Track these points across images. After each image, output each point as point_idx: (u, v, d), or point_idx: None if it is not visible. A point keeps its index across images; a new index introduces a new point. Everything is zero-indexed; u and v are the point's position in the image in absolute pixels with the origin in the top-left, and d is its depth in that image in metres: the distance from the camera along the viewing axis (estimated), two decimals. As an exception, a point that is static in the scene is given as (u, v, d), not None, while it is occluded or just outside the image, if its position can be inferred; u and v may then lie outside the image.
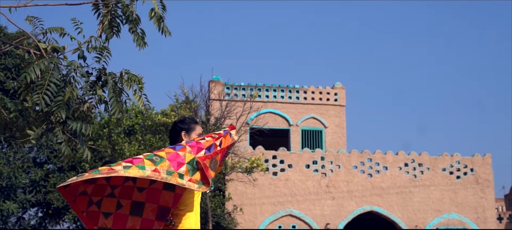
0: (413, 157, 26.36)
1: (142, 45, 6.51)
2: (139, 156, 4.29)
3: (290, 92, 29.19)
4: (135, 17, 6.44)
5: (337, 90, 29.86)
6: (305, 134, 29.02)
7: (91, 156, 6.26)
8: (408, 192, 25.80)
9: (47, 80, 5.57)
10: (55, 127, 6.00)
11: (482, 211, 26.22)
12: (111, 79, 5.99)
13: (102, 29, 6.34)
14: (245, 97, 24.64)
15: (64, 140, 5.88)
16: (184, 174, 4.29)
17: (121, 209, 4.42)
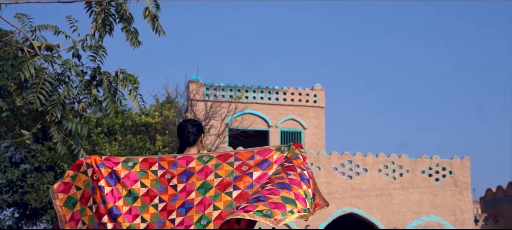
0: (392, 159, 26.48)
1: (136, 44, 6.37)
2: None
3: (270, 94, 29.16)
4: (129, 16, 6.31)
5: (317, 91, 29.91)
6: (284, 135, 29.00)
7: (68, 155, 6.11)
8: (387, 194, 25.91)
9: (41, 79, 5.41)
10: (50, 126, 5.84)
11: (460, 214, 26.45)
12: (106, 78, 5.85)
13: (96, 27, 6.19)
14: (225, 98, 24.53)
15: (59, 139, 5.73)
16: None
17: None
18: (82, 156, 5.93)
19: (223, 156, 4.11)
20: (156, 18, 6.37)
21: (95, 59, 5.85)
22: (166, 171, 4.07)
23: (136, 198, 4.01)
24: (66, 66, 5.60)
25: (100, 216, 3.99)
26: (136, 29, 6.32)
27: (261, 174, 4.02)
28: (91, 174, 4.11)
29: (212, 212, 3.86)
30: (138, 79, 6.21)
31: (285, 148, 4.17)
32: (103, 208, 3.99)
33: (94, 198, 4.05)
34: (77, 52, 5.76)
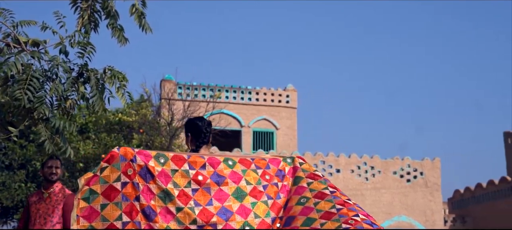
0: (365, 160, 26.69)
1: (123, 41, 6.31)
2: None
3: (242, 93, 29.14)
4: (115, 12, 6.24)
5: (289, 92, 29.98)
6: (257, 135, 29.01)
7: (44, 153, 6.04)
8: (359, 194, 26.09)
9: (29, 75, 5.32)
10: (38, 123, 5.75)
11: (431, 214, 26.76)
12: (94, 75, 5.78)
13: (82, 24, 6.12)
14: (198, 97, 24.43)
15: (47, 137, 5.63)
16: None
17: None
18: (69, 154, 5.85)
19: (244, 162, 4.14)
20: (143, 16, 6.32)
21: (83, 56, 5.78)
22: (198, 172, 3.97)
23: (171, 198, 3.86)
24: (53, 62, 5.51)
25: (132, 214, 3.82)
26: (122, 26, 6.26)
27: (282, 186, 4.14)
28: (124, 169, 3.93)
29: (253, 219, 3.89)
30: (126, 76, 6.15)
31: (290, 161, 4.31)
32: (137, 206, 3.83)
33: (126, 194, 3.87)
34: (64, 49, 5.68)
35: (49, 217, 6.26)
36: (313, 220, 3.88)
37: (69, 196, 6.24)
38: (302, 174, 4.25)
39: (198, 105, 19.06)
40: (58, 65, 5.55)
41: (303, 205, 4.01)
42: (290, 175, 4.22)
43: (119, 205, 3.87)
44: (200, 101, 21.78)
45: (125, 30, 6.15)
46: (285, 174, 4.20)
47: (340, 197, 4.12)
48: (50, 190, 6.37)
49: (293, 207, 4.04)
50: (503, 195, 30.99)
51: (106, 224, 3.84)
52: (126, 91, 6.08)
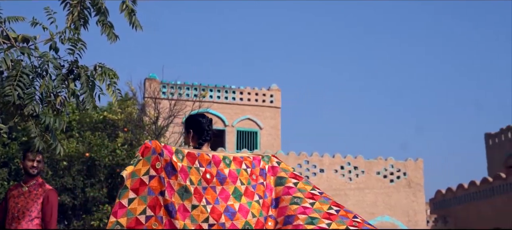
0: (349, 160, 26.79)
1: (113, 38, 6.26)
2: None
3: (226, 93, 29.12)
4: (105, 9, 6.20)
5: (273, 92, 30.00)
6: (240, 134, 29.00)
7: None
8: (343, 194, 26.18)
9: (19, 72, 5.26)
10: (28, 120, 5.68)
11: (414, 214, 26.93)
12: (84, 72, 5.73)
13: (71, 20, 6.06)
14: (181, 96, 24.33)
15: (37, 134, 5.57)
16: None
17: None
18: (59, 151, 5.80)
19: (237, 161, 4.22)
20: (134, 13, 6.28)
21: (74, 53, 5.73)
22: (206, 170, 4.03)
23: (188, 195, 3.90)
24: (44, 59, 5.47)
25: (155, 208, 3.84)
26: (112, 23, 6.22)
27: (266, 184, 4.25)
28: (153, 162, 3.98)
29: (252, 219, 4.01)
30: (117, 73, 6.10)
31: (267, 159, 4.42)
32: (160, 201, 3.85)
33: (152, 188, 3.89)
34: (55, 45, 5.62)
35: (27, 212, 6.17)
36: (315, 219, 4.00)
37: (49, 191, 6.15)
38: (284, 174, 4.36)
39: (184, 104, 18.99)
40: (49, 62, 5.51)
41: (299, 204, 4.11)
42: (270, 174, 4.32)
43: (145, 199, 3.89)
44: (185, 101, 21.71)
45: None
46: (266, 172, 4.30)
47: (330, 198, 4.32)
48: (29, 184, 6.27)
49: (288, 206, 4.12)
50: (484, 196, 31.27)
51: (131, 219, 3.86)
52: (117, 88, 6.05)
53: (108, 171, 17.61)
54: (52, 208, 6.05)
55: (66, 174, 17.24)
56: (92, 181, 17.31)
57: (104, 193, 17.50)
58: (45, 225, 5.98)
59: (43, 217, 6.07)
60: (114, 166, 17.41)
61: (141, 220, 3.83)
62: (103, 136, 17.89)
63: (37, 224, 6.03)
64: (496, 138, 36.94)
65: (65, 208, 17.83)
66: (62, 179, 17.23)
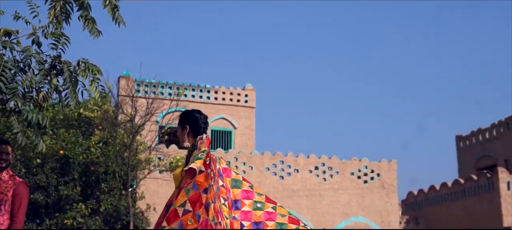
0: (323, 160, 26.87)
1: (96, 33, 6.17)
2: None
3: (201, 92, 29.01)
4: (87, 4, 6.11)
5: (248, 91, 29.97)
6: (215, 134, 28.89)
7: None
8: (317, 194, 26.26)
9: (1, 66, 5.16)
10: (10, 115, 5.57)
11: (387, 215, 27.11)
12: (67, 68, 5.64)
13: (54, 14, 5.96)
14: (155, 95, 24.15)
15: (20, 130, 5.47)
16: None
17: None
18: (41, 147, 5.70)
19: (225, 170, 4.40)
20: (117, 8, 6.20)
21: (57, 48, 5.65)
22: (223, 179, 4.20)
23: (224, 204, 4.03)
24: (26, 53, 5.37)
25: (195, 205, 3.83)
26: (94, 19, 6.13)
27: (225, 185, 4.28)
28: (213, 157, 4.07)
29: (226, 220, 4.08)
30: (101, 69, 6.02)
31: (218, 160, 4.41)
32: (202, 199, 3.85)
33: (197, 183, 3.87)
34: (37, 39, 5.53)
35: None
36: (283, 224, 4.06)
37: (20, 183, 6.00)
38: (239, 177, 4.41)
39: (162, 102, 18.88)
40: (31, 57, 5.41)
41: (262, 210, 4.18)
42: (225, 175, 4.33)
43: (188, 192, 3.86)
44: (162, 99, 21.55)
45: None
46: (222, 173, 4.31)
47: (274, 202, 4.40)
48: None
49: (252, 212, 4.18)
50: (456, 197, 31.62)
51: (171, 208, 3.86)
52: (100, 84, 5.96)
53: (82, 169, 17.44)
54: (21, 200, 5.91)
55: (39, 172, 17.01)
56: (66, 179, 17.13)
57: (78, 191, 17.32)
58: (12, 218, 5.84)
59: (12, 209, 5.93)
60: (88, 164, 17.24)
61: (179, 211, 3.82)
62: (78, 134, 17.71)
63: (8, 218, 5.90)
64: (466, 140, 37.35)
65: (37, 207, 17.58)
66: (35, 176, 17.01)
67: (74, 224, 16.72)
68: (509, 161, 33.08)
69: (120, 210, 17.53)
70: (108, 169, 17.18)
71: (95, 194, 17.35)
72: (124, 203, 17.53)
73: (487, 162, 35.04)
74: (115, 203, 17.40)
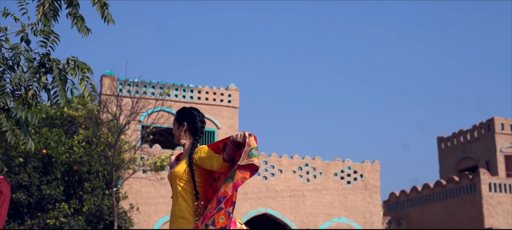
0: (307, 161, 26.87)
1: (85, 31, 6.09)
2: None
3: (184, 92, 28.88)
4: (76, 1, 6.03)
5: (231, 91, 29.91)
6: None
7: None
8: (301, 195, 26.26)
9: (-11, 64, 5.07)
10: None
11: (370, 216, 27.18)
12: (56, 66, 5.56)
13: (42, 11, 5.87)
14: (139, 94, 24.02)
15: (9, 128, 5.38)
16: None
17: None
18: (30, 146, 5.61)
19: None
20: (106, 6, 6.12)
21: (46, 45, 5.57)
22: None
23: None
24: (16, 51, 5.29)
25: (227, 202, 3.99)
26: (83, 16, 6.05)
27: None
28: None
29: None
30: (91, 68, 5.94)
31: None
32: (233, 197, 4.12)
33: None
34: (26, 37, 5.45)
35: None
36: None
37: (1, 180, 5.92)
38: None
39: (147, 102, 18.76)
40: (20, 54, 5.33)
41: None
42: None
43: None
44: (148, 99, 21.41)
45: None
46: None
47: None
48: None
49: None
50: (438, 198, 31.80)
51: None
52: (90, 83, 5.88)
53: (65, 168, 17.28)
54: (4, 197, 5.84)
55: (21, 171, 16.85)
56: (49, 179, 16.97)
57: (60, 191, 17.17)
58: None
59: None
60: (71, 163, 17.09)
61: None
62: (61, 132, 17.55)
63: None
64: (448, 142, 37.61)
65: (19, 206, 17.40)
66: (17, 176, 16.84)
67: (56, 224, 16.56)
68: (490, 162, 33.35)
69: (103, 210, 17.40)
70: (91, 168, 17.05)
71: (78, 194, 17.21)
72: (107, 203, 17.41)
73: (468, 163, 35.31)
74: (98, 203, 17.27)
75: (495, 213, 28.67)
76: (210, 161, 4.16)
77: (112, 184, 16.43)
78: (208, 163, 4.16)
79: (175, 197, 4.24)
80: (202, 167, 4.21)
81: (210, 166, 4.16)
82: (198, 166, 4.21)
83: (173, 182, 4.24)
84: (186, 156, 4.30)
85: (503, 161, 33.09)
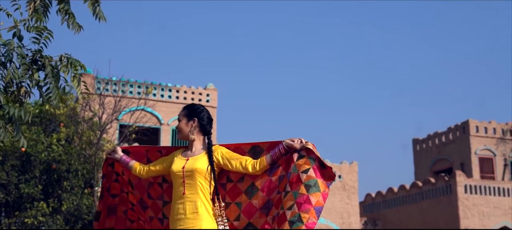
0: (285, 161, 26.91)
1: (77, 28, 6.02)
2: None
3: (162, 91, 28.74)
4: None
5: (209, 91, 29.89)
6: (175, 133, 28.65)
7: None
8: (280, 196, 26.28)
9: (-19, 60, 4.99)
10: (-9, 111, 5.39)
11: (347, 217, 27.33)
12: (48, 62, 5.48)
13: (33, 7, 5.79)
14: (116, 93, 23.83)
15: (1, 125, 5.30)
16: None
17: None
18: (22, 144, 5.54)
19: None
20: (98, 3, 6.06)
21: (39, 42, 5.49)
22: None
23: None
24: (8, 47, 5.21)
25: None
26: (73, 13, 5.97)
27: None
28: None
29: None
30: (84, 65, 5.87)
31: None
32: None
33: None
34: (19, 33, 5.37)
35: None
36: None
37: None
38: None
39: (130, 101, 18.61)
40: (13, 50, 5.25)
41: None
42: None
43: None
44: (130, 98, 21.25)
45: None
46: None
47: None
48: None
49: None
50: (414, 200, 32.07)
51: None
52: (83, 80, 5.81)
53: (43, 167, 17.09)
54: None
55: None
56: (27, 177, 16.77)
57: (39, 190, 16.97)
58: None
59: None
60: (50, 162, 16.90)
61: (286, 214, 4.07)
62: (40, 130, 17.34)
63: None
64: (423, 144, 37.92)
65: (-3, 204, 17.12)
66: (-5, 174, 16.57)
67: (34, 223, 16.36)
68: (465, 164, 33.72)
69: (81, 209, 17.23)
70: (71, 167, 16.87)
71: (57, 193, 17.02)
72: (86, 202, 17.23)
73: (443, 165, 35.66)
74: (77, 202, 17.10)
75: (471, 215, 29.01)
76: (238, 162, 4.12)
77: (93, 183, 16.26)
78: (236, 164, 4.13)
79: (194, 194, 4.08)
80: (223, 167, 4.15)
81: (236, 168, 4.12)
82: (218, 166, 4.14)
83: (194, 178, 4.09)
84: (201, 154, 4.19)
85: (477, 163, 33.48)
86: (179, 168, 4.14)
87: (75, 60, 5.69)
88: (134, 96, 23.65)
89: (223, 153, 4.16)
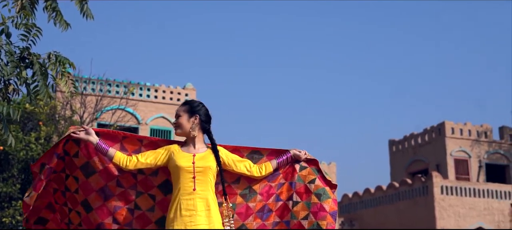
0: (264, 162, 26.92)
1: (65, 26, 6.00)
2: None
3: (141, 90, 28.58)
4: (55, -5, 5.95)
5: (188, 91, 29.80)
6: (154, 133, 28.52)
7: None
8: (258, 196, 26.27)
9: (-31, 57, 4.97)
10: (-21, 109, 5.35)
11: (325, 217, 27.44)
12: (36, 60, 5.46)
13: (21, 5, 5.76)
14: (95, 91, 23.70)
15: (-9, 123, 5.26)
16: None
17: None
18: (10, 142, 5.51)
19: None
20: (85, 1, 6.04)
21: (27, 39, 5.47)
22: None
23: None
24: (-3, 44, 5.18)
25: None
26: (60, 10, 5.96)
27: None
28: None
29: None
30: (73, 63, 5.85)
31: None
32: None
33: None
34: (7, 30, 5.34)
35: None
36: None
37: None
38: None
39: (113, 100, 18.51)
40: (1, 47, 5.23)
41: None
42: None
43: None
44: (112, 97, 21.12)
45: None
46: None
47: None
48: None
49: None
50: (390, 200, 32.30)
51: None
52: (70, 78, 5.79)
53: (22, 165, 16.93)
54: None
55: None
56: (5, 176, 16.60)
57: (17, 189, 16.82)
58: None
59: None
60: (28, 161, 16.76)
61: (303, 224, 4.29)
62: (17, 129, 17.16)
63: None
64: (399, 145, 38.15)
65: (-27, 204, 16.93)
66: (-28, 173, 16.36)
67: (12, 223, 16.20)
68: (441, 165, 34.03)
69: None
70: (49, 166, 16.75)
71: (35, 192, 16.89)
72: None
73: (419, 166, 35.89)
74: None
75: (447, 215, 29.30)
76: (243, 165, 4.18)
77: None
78: (241, 166, 4.18)
79: (206, 191, 4.04)
80: (227, 168, 4.18)
81: (241, 170, 4.18)
82: (223, 166, 4.16)
83: (206, 175, 4.05)
84: (207, 151, 4.17)
85: (453, 164, 33.77)
86: (188, 163, 4.06)
87: (64, 58, 5.66)
88: (113, 95, 23.48)
89: (227, 153, 4.19)
